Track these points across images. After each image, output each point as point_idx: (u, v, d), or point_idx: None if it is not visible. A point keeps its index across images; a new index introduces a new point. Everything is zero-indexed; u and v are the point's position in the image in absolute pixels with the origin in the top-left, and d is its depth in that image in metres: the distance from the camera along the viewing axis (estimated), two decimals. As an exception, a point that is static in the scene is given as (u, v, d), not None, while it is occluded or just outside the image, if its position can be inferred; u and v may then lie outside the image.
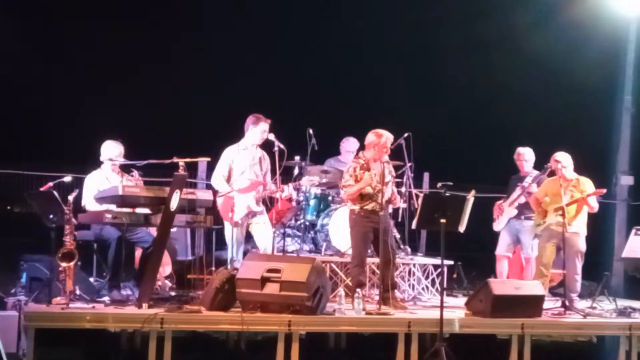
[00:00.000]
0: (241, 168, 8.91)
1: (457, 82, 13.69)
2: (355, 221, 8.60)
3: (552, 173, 9.41)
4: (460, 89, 13.75)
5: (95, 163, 8.60)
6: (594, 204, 9.13)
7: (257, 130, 8.90)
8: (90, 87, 12.42)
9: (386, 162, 8.65)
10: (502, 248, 9.98)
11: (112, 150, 8.51)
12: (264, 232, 8.89)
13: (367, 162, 8.56)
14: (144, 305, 7.52)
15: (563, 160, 9.16)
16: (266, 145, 8.98)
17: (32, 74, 12.10)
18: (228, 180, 8.90)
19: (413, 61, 13.76)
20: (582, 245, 9.11)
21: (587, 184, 9.17)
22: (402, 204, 9.45)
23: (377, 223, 8.46)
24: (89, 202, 8.34)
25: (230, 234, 8.78)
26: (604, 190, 9.26)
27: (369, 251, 8.91)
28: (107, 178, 8.43)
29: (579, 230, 9.10)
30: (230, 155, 8.92)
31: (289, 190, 9.07)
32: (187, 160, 7.70)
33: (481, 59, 13.87)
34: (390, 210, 8.86)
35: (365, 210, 8.45)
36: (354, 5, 13.61)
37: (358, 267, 8.61)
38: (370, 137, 8.59)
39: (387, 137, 8.55)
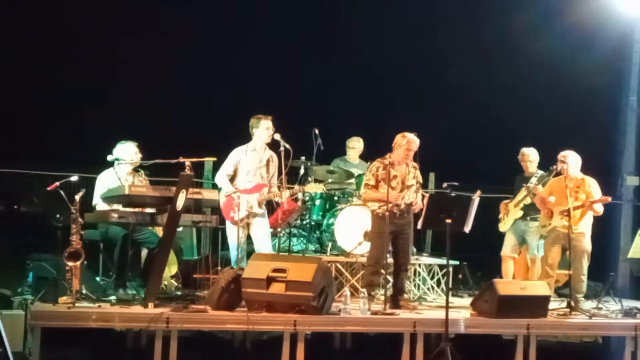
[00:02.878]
0: (247, 168, 8.91)
1: (463, 83, 13.68)
2: (375, 222, 8.58)
3: (558, 174, 9.39)
4: (465, 90, 13.74)
5: (102, 162, 8.60)
6: (599, 209, 9.10)
7: (260, 130, 8.92)
8: (97, 86, 12.45)
9: (413, 167, 8.64)
10: (508, 249, 9.96)
11: (119, 151, 8.49)
12: (263, 243, 8.87)
13: (392, 164, 8.51)
14: (150, 304, 7.53)
15: (568, 158, 9.14)
16: (272, 146, 9.00)
17: (37, 72, 12.12)
18: (232, 180, 8.91)
19: (418, 62, 13.75)
20: (587, 245, 9.10)
21: (592, 185, 9.15)
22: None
23: (398, 225, 8.45)
24: (100, 202, 8.34)
25: (232, 233, 8.80)
26: (609, 199, 9.20)
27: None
28: (119, 178, 8.42)
29: (584, 230, 9.09)
30: (238, 155, 8.93)
31: (285, 196, 9.03)
32: (193, 160, 7.71)
33: (486, 59, 13.87)
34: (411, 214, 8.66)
35: (385, 211, 8.31)
36: (358, 6, 13.62)
37: (370, 267, 8.60)
38: (396, 138, 8.56)
39: (409, 139, 8.50)
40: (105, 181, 8.43)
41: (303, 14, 13.44)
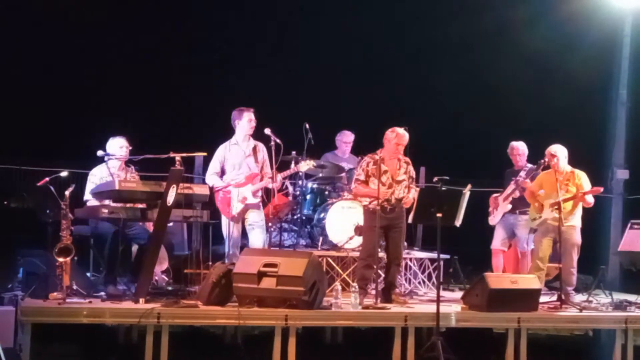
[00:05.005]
0: (232, 163, 8.90)
1: (453, 77, 13.71)
2: (367, 216, 8.59)
3: (546, 168, 9.41)
4: (456, 84, 13.76)
5: (92, 158, 8.57)
6: (589, 200, 9.13)
7: (243, 122, 8.91)
8: (88, 82, 12.43)
9: (405, 162, 8.64)
10: (497, 242, 9.99)
11: (110, 147, 8.46)
12: (256, 235, 8.86)
13: (383, 159, 8.52)
14: (141, 300, 7.54)
15: (557, 152, 9.16)
16: (263, 140, 8.98)
17: (29, 68, 12.10)
18: (222, 176, 8.89)
19: (409, 56, 13.77)
20: (577, 238, 9.12)
21: (582, 177, 9.18)
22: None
23: (389, 220, 8.46)
24: (91, 197, 8.31)
25: (228, 228, 8.79)
26: (601, 189, 9.23)
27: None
28: (111, 173, 8.39)
29: (574, 223, 9.11)
30: (221, 152, 8.92)
31: (279, 178, 9.01)
32: (184, 155, 7.71)
33: (476, 54, 13.89)
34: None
35: (375, 206, 8.34)
36: (351, 2, 13.62)
37: (362, 261, 8.61)
38: (386, 133, 8.56)
39: (398, 133, 8.48)
40: (97, 177, 8.40)
41: (296, 8, 13.44)
